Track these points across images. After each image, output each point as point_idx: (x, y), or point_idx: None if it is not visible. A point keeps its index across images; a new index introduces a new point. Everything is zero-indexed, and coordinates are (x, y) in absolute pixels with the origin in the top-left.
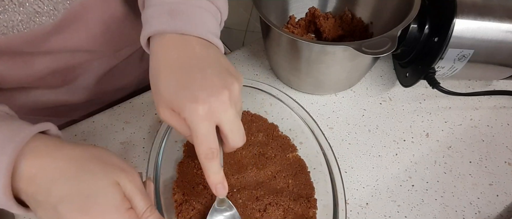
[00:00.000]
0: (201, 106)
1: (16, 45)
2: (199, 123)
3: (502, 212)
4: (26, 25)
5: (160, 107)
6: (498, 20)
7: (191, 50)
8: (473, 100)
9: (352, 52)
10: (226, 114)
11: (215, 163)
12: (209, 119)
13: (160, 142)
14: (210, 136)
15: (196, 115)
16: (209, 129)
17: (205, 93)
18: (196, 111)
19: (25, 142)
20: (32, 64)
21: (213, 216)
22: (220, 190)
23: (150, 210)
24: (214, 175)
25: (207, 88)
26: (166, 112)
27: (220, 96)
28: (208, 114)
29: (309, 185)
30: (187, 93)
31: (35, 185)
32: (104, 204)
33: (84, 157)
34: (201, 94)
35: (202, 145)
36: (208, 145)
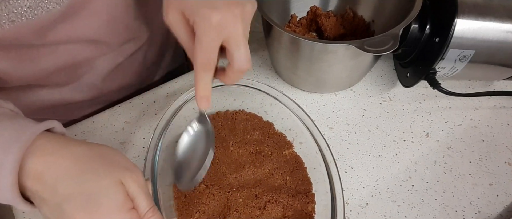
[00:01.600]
0: (215, 15)
1: (23, 35)
2: (208, 30)
3: (502, 212)
4: (34, 12)
5: (170, 9)
6: (499, 20)
7: None
8: (473, 100)
9: (354, 51)
10: (235, 28)
11: (209, 74)
12: (218, 29)
13: (155, 143)
14: (214, 46)
15: (208, 21)
16: (215, 39)
17: (221, 3)
18: (209, 17)
19: (31, 141)
20: (38, 62)
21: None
22: (204, 103)
23: (152, 210)
24: (204, 86)
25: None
26: (175, 14)
27: (235, 10)
28: (219, 24)
29: (307, 181)
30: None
31: (41, 183)
32: (106, 203)
33: (89, 156)
34: (219, 4)
35: (203, 53)
36: (208, 54)
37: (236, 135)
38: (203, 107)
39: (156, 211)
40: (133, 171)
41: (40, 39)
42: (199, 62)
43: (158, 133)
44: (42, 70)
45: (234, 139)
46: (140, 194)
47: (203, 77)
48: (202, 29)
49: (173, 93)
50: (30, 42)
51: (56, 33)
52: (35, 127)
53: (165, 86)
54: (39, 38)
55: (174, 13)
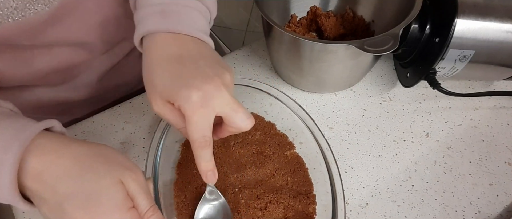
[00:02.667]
0: (195, 93)
1: (13, 36)
2: (194, 110)
3: (502, 212)
4: (21, 13)
5: (153, 100)
6: (499, 20)
7: (184, 46)
8: (473, 100)
9: (354, 51)
10: (222, 96)
11: (208, 151)
12: (204, 105)
13: (157, 142)
14: (205, 123)
15: (191, 101)
16: (204, 116)
17: (198, 80)
18: (190, 97)
19: (31, 140)
20: (32, 62)
21: (203, 205)
22: (210, 177)
23: (153, 209)
24: (205, 163)
25: (200, 77)
26: (159, 103)
27: (213, 82)
28: (202, 100)
29: (308, 182)
30: (181, 82)
31: (41, 183)
32: (106, 203)
33: (89, 155)
34: (194, 82)
35: (196, 132)
36: (202, 132)
37: (238, 135)
38: (211, 182)
39: (157, 210)
40: (133, 170)
41: (31, 41)
42: (194, 141)
43: (159, 132)
44: (37, 71)
45: (236, 139)
46: (140, 193)
47: (203, 155)
48: (189, 111)
49: None
50: (21, 43)
51: (47, 35)
52: (34, 126)
53: None
54: (30, 40)
55: (158, 103)
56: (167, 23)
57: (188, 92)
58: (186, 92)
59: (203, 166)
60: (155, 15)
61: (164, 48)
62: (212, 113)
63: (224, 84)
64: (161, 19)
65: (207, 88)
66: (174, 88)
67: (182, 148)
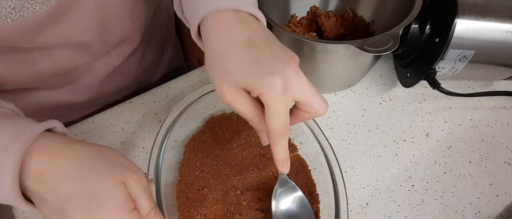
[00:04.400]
0: (279, 79)
1: (12, 37)
2: (278, 97)
3: (502, 212)
4: (19, 13)
5: (227, 88)
6: (499, 20)
7: (249, 27)
8: (473, 100)
9: (354, 51)
10: (302, 82)
11: (286, 140)
12: (286, 92)
13: (160, 143)
14: (287, 110)
15: (275, 88)
16: (286, 103)
17: (279, 66)
18: (274, 84)
19: (32, 140)
20: (33, 65)
21: (280, 197)
22: (285, 166)
23: (154, 211)
24: (283, 152)
25: (279, 61)
26: (233, 91)
27: (293, 67)
28: (285, 86)
29: (311, 183)
30: (262, 68)
31: (42, 183)
32: (108, 204)
33: (91, 156)
34: (276, 68)
35: (279, 120)
36: (283, 120)
37: (241, 137)
38: (286, 171)
39: (158, 212)
40: (135, 171)
41: (30, 42)
42: (276, 130)
43: (163, 132)
44: (38, 74)
45: (238, 141)
46: (142, 195)
47: (281, 143)
48: (272, 98)
49: (173, 93)
50: (20, 44)
51: (46, 36)
52: (36, 126)
53: (165, 87)
54: (29, 41)
55: (232, 91)
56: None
57: (272, 79)
58: (270, 79)
59: (281, 154)
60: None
61: (233, 31)
62: (291, 99)
63: (298, 65)
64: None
65: (287, 73)
66: (254, 75)
67: (185, 149)
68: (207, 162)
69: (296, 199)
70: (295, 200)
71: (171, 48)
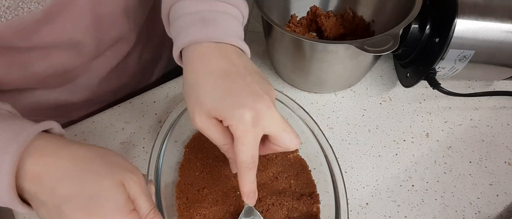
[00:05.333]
0: (248, 113)
1: (7, 36)
2: (247, 130)
3: (502, 212)
4: (14, 12)
5: (198, 116)
6: (499, 20)
7: (228, 58)
8: (473, 100)
9: (354, 51)
10: (273, 117)
11: (254, 172)
12: (256, 125)
13: (161, 143)
14: (255, 143)
15: (244, 121)
16: (254, 136)
17: (251, 99)
18: (244, 116)
19: (29, 141)
20: (29, 66)
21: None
22: (252, 199)
23: (154, 212)
24: (250, 184)
25: (252, 95)
26: (205, 120)
27: (265, 102)
28: (255, 120)
29: (311, 183)
30: (234, 100)
31: (39, 185)
32: (106, 205)
33: (89, 157)
34: (248, 101)
35: (247, 152)
36: (251, 152)
37: None
38: (252, 203)
39: (157, 213)
40: (134, 172)
41: (26, 42)
42: (244, 163)
43: (163, 133)
44: (35, 74)
45: None
46: (141, 196)
47: (249, 176)
48: (241, 131)
49: (173, 93)
50: (16, 44)
51: (42, 35)
52: (33, 127)
53: (165, 87)
54: (25, 41)
55: (204, 119)
56: (210, 31)
57: (242, 112)
58: (239, 111)
59: (248, 187)
60: (196, 24)
61: (210, 61)
62: (261, 133)
63: (272, 100)
64: (202, 28)
65: (259, 108)
66: (225, 106)
67: (185, 150)
68: (207, 162)
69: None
70: None
71: (169, 48)
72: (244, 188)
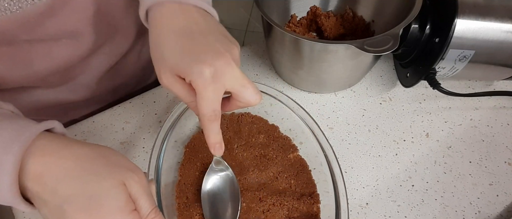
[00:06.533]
0: (207, 69)
1: (11, 29)
2: (206, 85)
3: (502, 212)
4: (18, 5)
5: (163, 74)
6: (499, 20)
7: (191, 17)
8: (473, 100)
9: (354, 51)
10: (233, 72)
11: (217, 124)
12: (215, 80)
13: (161, 143)
14: (215, 98)
15: (203, 77)
16: (215, 91)
17: (209, 56)
18: (202, 73)
19: (31, 140)
20: (30, 63)
21: (210, 175)
22: (218, 150)
23: (155, 211)
24: (214, 136)
25: (211, 52)
26: (169, 77)
27: (224, 58)
28: (214, 75)
29: (311, 183)
30: (193, 57)
31: (41, 184)
32: (108, 204)
33: (91, 156)
34: (206, 57)
35: (207, 107)
36: (212, 107)
37: (241, 138)
38: (218, 154)
39: (159, 212)
40: (135, 172)
41: (30, 34)
42: (206, 116)
43: (163, 133)
44: (36, 73)
45: (239, 142)
46: (143, 195)
47: (212, 128)
48: (201, 86)
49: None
50: (19, 37)
51: (45, 28)
52: (35, 127)
53: None
54: (28, 33)
55: (168, 76)
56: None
57: (200, 68)
58: (198, 68)
59: (212, 138)
60: None
61: (172, 21)
62: (222, 88)
63: (234, 60)
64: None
65: (218, 64)
66: (185, 63)
67: (185, 149)
68: (207, 162)
69: (223, 178)
70: (223, 179)
71: None
72: (209, 140)
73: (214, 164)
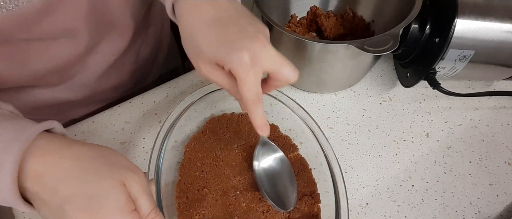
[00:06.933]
0: (246, 53)
1: (8, 28)
2: (247, 70)
3: (502, 212)
4: (14, 3)
5: (201, 64)
6: (499, 20)
7: (218, 5)
8: (473, 100)
9: (354, 51)
10: (270, 53)
11: (261, 107)
12: (255, 64)
13: (161, 143)
14: (257, 81)
15: (243, 62)
16: (255, 74)
17: (246, 40)
18: (242, 58)
19: (31, 141)
20: (28, 62)
21: (261, 157)
22: (265, 130)
23: (155, 211)
24: (260, 118)
25: (247, 37)
26: (208, 67)
27: (260, 41)
28: (253, 59)
29: (312, 182)
30: (230, 44)
31: (41, 184)
32: (108, 204)
33: (90, 156)
34: (243, 43)
35: (250, 91)
36: (255, 90)
37: (241, 138)
38: (265, 134)
39: (158, 212)
40: (135, 172)
41: (27, 33)
42: (249, 100)
43: (163, 133)
44: (34, 72)
45: (239, 142)
46: (143, 195)
47: (257, 111)
48: (241, 72)
49: (173, 93)
50: (17, 36)
51: (42, 26)
52: (34, 127)
53: (165, 87)
54: (26, 32)
55: (206, 66)
56: None
57: (240, 55)
58: (237, 55)
59: (258, 120)
60: None
61: (202, 11)
62: (261, 71)
63: (267, 38)
64: None
65: (255, 47)
66: (223, 52)
67: (185, 149)
68: (207, 162)
69: (277, 158)
70: (276, 160)
71: (166, 47)
72: (255, 122)
73: (261, 145)
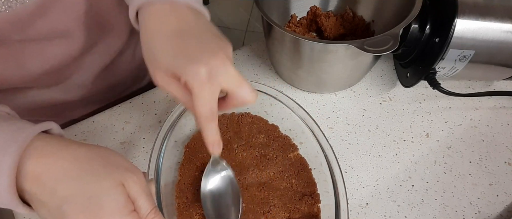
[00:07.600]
0: (203, 68)
1: (2, 29)
2: (202, 85)
3: (502, 212)
4: (7, 4)
5: (157, 73)
6: (499, 20)
7: (183, 17)
8: (473, 100)
9: (354, 51)
10: (228, 71)
11: (214, 124)
12: (211, 80)
13: (161, 143)
14: (211, 97)
15: (199, 76)
16: (211, 90)
17: (205, 55)
18: (198, 73)
19: (28, 142)
20: (24, 63)
21: (209, 175)
22: (216, 149)
23: (154, 212)
24: (212, 136)
25: (206, 51)
26: (164, 77)
27: (219, 57)
28: (210, 75)
29: (312, 182)
30: (188, 57)
31: (40, 185)
32: (106, 205)
33: (89, 157)
34: (202, 57)
35: (204, 106)
36: (209, 106)
37: (241, 138)
38: (217, 153)
39: (158, 213)
40: (134, 172)
41: (21, 34)
42: (203, 116)
43: (163, 133)
44: (30, 73)
45: (239, 142)
46: (142, 196)
47: (210, 128)
48: (196, 86)
49: None
50: (11, 37)
51: (36, 27)
52: (32, 128)
53: None
54: (20, 33)
55: (162, 76)
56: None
57: (196, 68)
58: (193, 67)
59: (210, 138)
60: None
61: (163, 22)
62: (218, 88)
63: (228, 57)
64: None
65: (213, 63)
66: (180, 63)
67: (185, 149)
68: (207, 162)
69: (225, 177)
70: (223, 179)
71: None
72: (207, 139)
73: (211, 164)
